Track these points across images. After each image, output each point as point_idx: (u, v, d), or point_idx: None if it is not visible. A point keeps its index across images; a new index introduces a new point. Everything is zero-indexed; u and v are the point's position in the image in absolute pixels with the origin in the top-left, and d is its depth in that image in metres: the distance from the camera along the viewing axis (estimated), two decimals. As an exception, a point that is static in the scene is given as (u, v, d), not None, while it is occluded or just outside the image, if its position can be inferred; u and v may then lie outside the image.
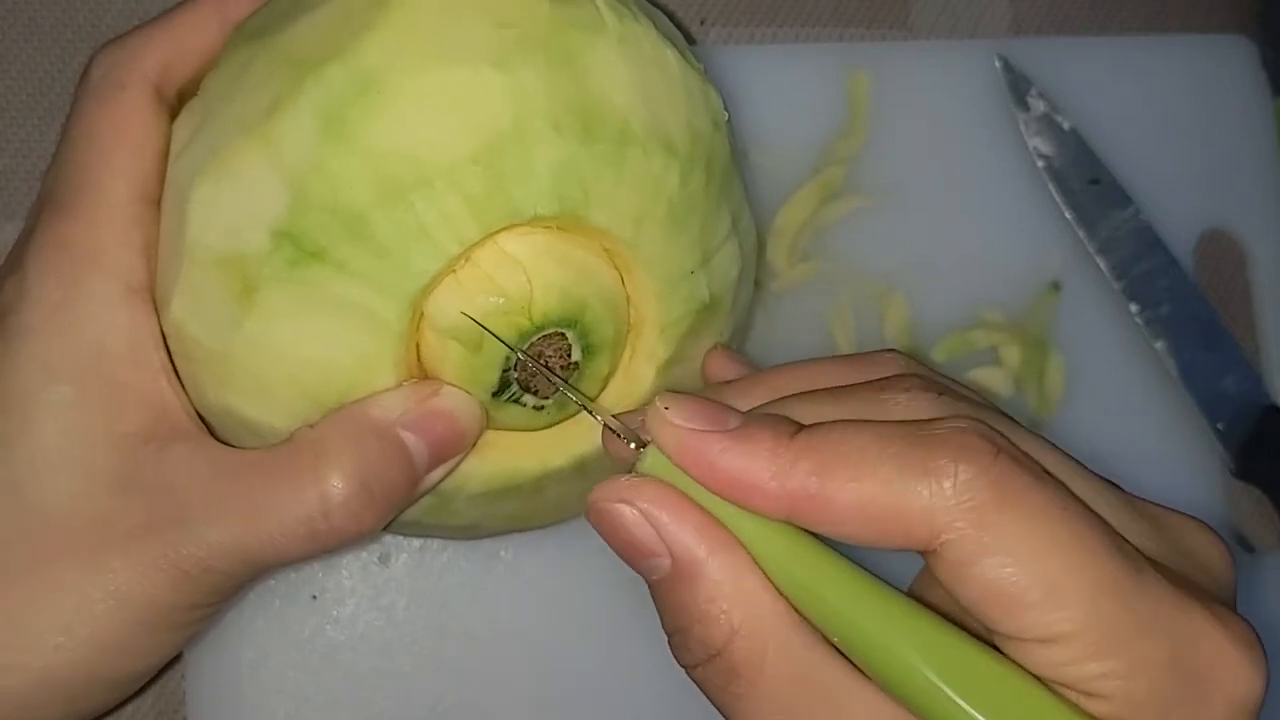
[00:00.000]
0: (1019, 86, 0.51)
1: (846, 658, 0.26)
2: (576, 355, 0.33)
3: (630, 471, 0.28)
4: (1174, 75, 0.53)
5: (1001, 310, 0.50)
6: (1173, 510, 0.29)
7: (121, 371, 0.33)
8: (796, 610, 0.27)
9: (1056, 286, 0.50)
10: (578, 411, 0.35)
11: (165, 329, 0.33)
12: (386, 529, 0.36)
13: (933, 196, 0.50)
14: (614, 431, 0.29)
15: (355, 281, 0.31)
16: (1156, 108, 0.52)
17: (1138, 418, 0.50)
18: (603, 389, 0.35)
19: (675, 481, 0.27)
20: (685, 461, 0.27)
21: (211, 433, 0.34)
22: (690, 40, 0.39)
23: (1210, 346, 0.50)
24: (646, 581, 0.28)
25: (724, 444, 0.26)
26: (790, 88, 0.50)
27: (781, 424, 0.27)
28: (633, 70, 0.32)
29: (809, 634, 0.27)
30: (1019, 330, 0.50)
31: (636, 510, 0.27)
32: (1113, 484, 0.28)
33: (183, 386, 0.34)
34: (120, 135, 0.33)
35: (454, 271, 0.32)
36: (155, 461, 0.32)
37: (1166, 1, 0.55)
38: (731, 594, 0.27)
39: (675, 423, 0.27)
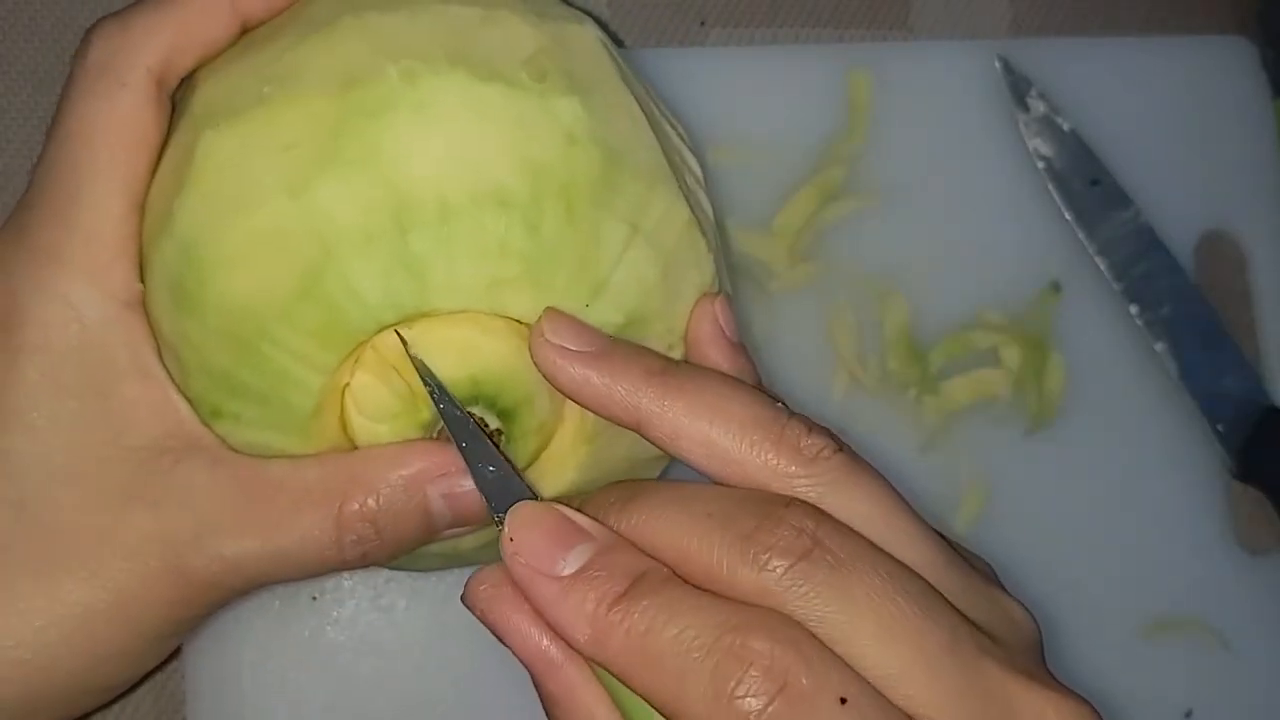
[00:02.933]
0: (1019, 87, 0.51)
1: None
2: (495, 424, 0.33)
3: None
4: (1174, 76, 0.53)
5: (1002, 311, 0.50)
6: (995, 581, 0.30)
7: (127, 387, 0.32)
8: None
9: (1057, 287, 0.50)
10: (537, 456, 0.35)
11: None
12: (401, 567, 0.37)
13: (933, 197, 0.50)
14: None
15: (254, 428, 0.32)
16: (1157, 109, 0.52)
17: (1138, 419, 0.50)
18: (549, 437, 0.35)
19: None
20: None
21: None
22: (617, 40, 0.36)
23: (1210, 348, 0.50)
24: None
25: (553, 596, 0.28)
26: (790, 88, 0.50)
27: (613, 581, 0.28)
28: (439, 135, 0.30)
29: None
30: (1019, 331, 0.50)
31: (486, 618, 0.30)
32: (960, 555, 0.29)
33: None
34: (118, 140, 0.32)
35: (347, 384, 0.32)
36: (168, 474, 0.32)
37: (1166, 2, 0.55)
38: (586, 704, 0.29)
39: (516, 556, 0.28)
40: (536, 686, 0.29)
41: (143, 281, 0.33)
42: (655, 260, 0.33)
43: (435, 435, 0.33)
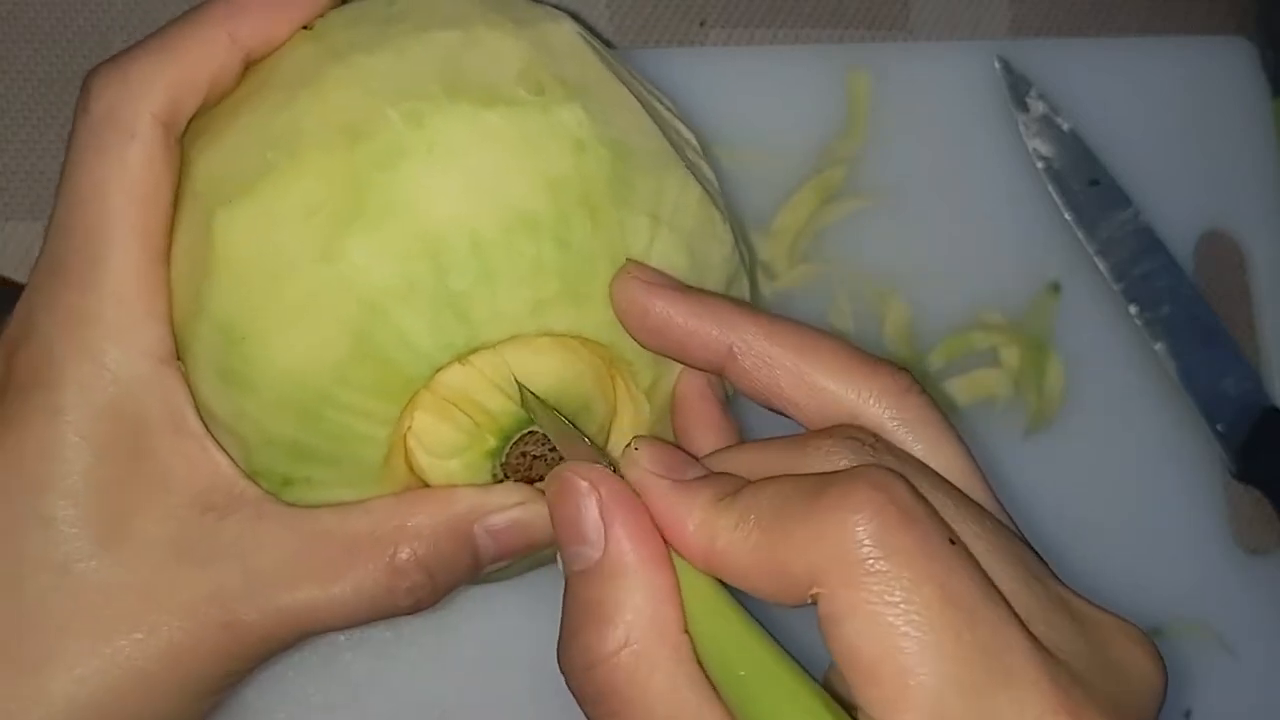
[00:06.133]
0: (1018, 88, 0.51)
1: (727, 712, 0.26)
2: None
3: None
4: (1174, 76, 0.53)
5: (1001, 311, 0.50)
6: (1106, 612, 0.27)
7: (165, 445, 0.32)
8: (698, 656, 0.26)
9: (1056, 288, 0.50)
10: None
11: None
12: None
13: (932, 198, 0.50)
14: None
15: (328, 488, 0.32)
16: (1156, 109, 0.52)
17: (1137, 419, 0.50)
18: (607, 437, 0.35)
19: None
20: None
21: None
22: (604, 41, 0.36)
23: (1210, 348, 0.50)
24: (565, 571, 0.28)
25: (668, 491, 0.27)
26: (790, 88, 0.50)
27: (726, 483, 0.27)
28: (457, 172, 0.30)
29: (699, 679, 0.26)
30: (1019, 331, 0.50)
31: (596, 493, 0.27)
32: (1047, 569, 0.27)
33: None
34: (132, 194, 0.32)
35: (409, 427, 0.32)
36: (215, 530, 0.32)
37: (1166, 2, 0.55)
38: (641, 610, 0.26)
39: (640, 464, 0.28)
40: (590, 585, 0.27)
41: (181, 361, 0.32)
42: (680, 244, 0.33)
43: (500, 469, 0.33)
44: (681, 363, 0.32)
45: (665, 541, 0.27)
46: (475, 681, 0.44)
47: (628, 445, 0.28)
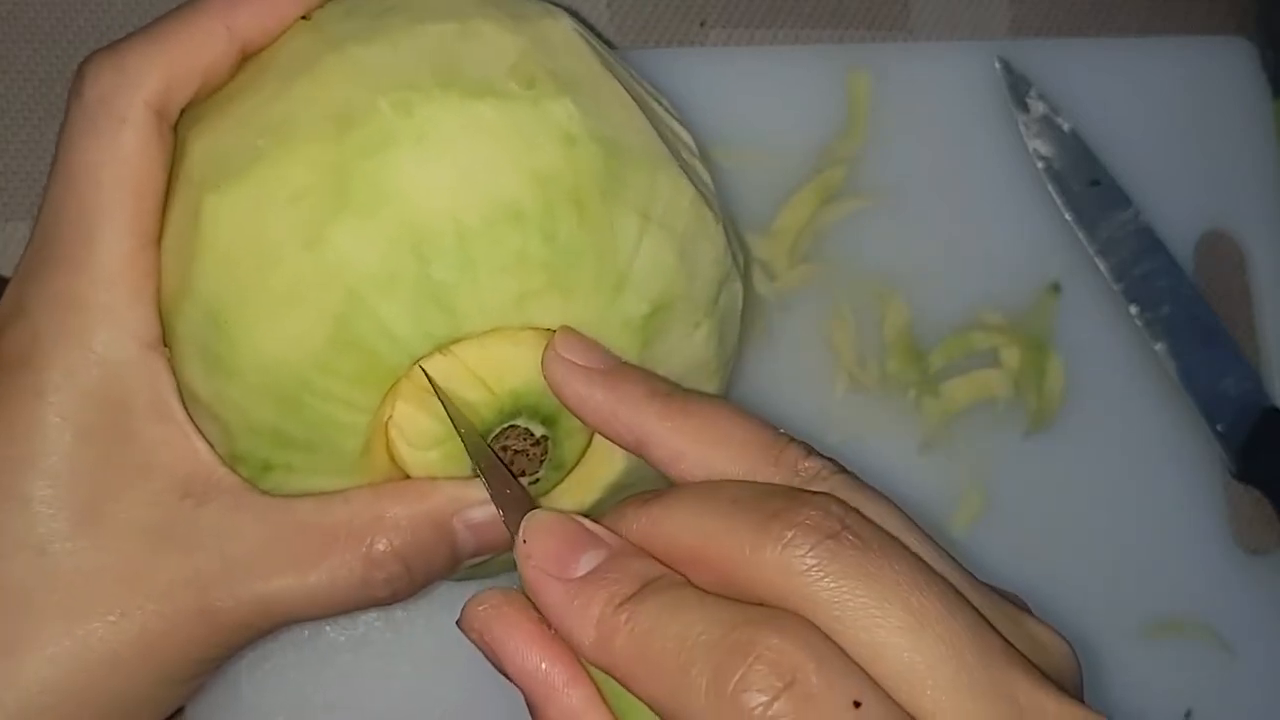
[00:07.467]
0: (1019, 88, 0.51)
1: None
2: (540, 431, 0.33)
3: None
4: (1174, 77, 0.53)
5: (1001, 312, 0.50)
6: (1023, 609, 0.28)
7: (147, 430, 0.32)
8: None
9: (1056, 288, 0.50)
10: (585, 451, 0.35)
11: None
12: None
13: (933, 198, 0.50)
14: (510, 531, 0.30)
15: (308, 475, 0.32)
16: (1156, 109, 0.52)
17: (1138, 419, 0.50)
18: (593, 431, 0.35)
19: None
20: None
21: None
22: (599, 36, 0.36)
23: (1210, 348, 0.50)
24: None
25: (560, 599, 0.27)
26: (790, 88, 0.50)
27: (621, 579, 0.26)
28: (444, 162, 0.30)
29: None
30: (1019, 332, 0.50)
31: (484, 638, 0.28)
32: (970, 574, 0.28)
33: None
34: (124, 179, 0.32)
35: (390, 416, 0.32)
36: (193, 517, 0.32)
37: (1166, 2, 0.55)
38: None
39: (531, 559, 0.27)
40: (533, 715, 0.28)
41: (167, 345, 0.33)
42: (670, 243, 0.33)
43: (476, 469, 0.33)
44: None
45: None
46: (476, 682, 0.44)
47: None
